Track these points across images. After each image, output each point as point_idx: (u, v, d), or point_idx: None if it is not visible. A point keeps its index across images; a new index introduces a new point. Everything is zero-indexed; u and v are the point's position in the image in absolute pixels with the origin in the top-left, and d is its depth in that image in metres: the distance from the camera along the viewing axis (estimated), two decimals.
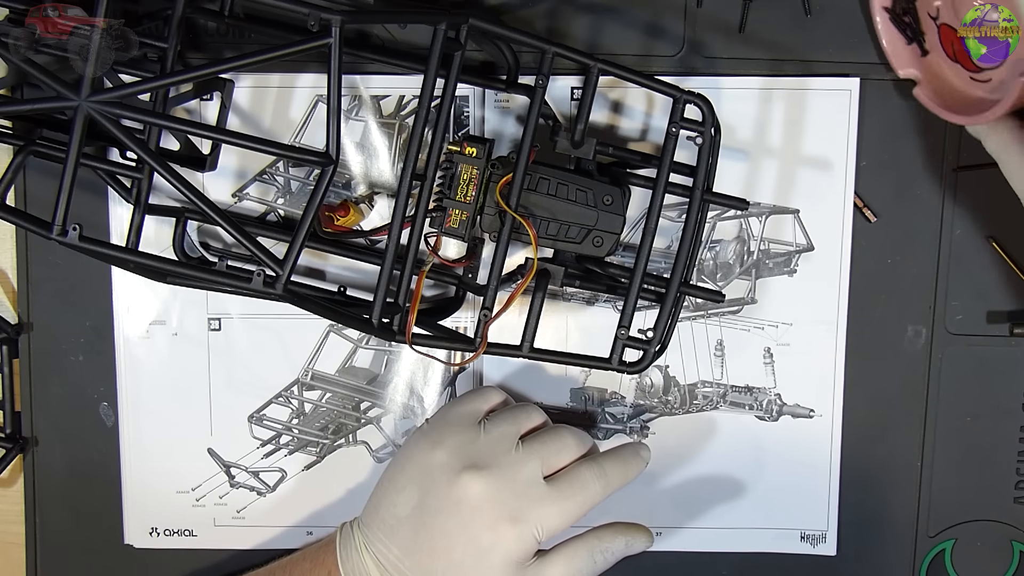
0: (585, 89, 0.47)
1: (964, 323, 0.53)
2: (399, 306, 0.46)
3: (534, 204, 0.47)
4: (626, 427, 0.55)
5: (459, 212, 0.47)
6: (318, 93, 0.53)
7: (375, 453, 0.56)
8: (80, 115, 0.39)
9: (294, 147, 0.40)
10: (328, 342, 0.55)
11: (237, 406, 0.56)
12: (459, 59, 0.44)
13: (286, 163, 0.54)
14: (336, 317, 0.44)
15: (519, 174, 0.46)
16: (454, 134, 0.53)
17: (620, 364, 0.47)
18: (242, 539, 0.57)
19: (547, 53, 0.46)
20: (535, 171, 0.47)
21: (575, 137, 0.47)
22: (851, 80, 0.52)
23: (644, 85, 0.47)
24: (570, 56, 0.46)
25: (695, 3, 0.52)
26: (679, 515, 0.56)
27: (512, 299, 0.47)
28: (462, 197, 0.47)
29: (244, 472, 0.56)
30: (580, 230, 0.47)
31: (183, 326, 0.55)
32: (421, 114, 0.43)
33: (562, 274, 0.48)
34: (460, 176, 0.47)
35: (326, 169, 0.40)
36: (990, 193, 0.52)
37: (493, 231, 0.47)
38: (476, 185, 0.47)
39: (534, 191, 0.47)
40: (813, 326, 0.54)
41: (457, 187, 0.47)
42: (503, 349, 0.48)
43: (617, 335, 0.47)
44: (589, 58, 0.46)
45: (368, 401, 0.56)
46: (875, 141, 0.52)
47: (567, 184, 0.47)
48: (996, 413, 0.54)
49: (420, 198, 0.45)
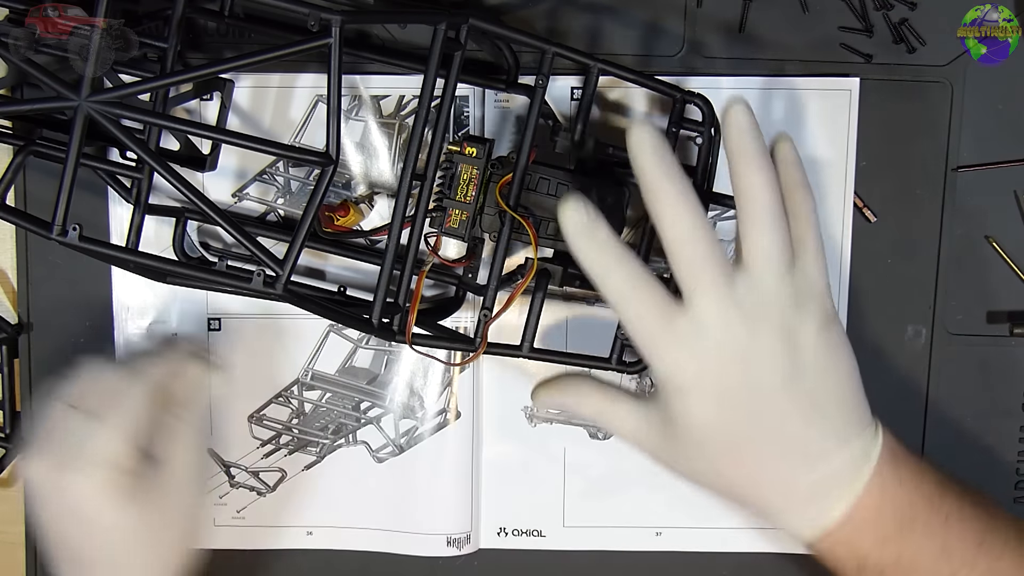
0: (585, 89, 0.47)
1: (964, 323, 0.53)
2: (399, 306, 0.46)
3: (534, 204, 0.47)
4: None
5: (459, 212, 0.47)
6: (318, 93, 0.53)
7: (375, 453, 0.56)
8: (80, 115, 0.39)
9: (294, 147, 0.40)
10: (328, 342, 0.55)
11: (237, 406, 0.56)
12: (459, 59, 0.44)
13: (286, 163, 0.54)
14: (336, 317, 0.44)
15: (519, 174, 0.46)
16: (454, 134, 0.53)
17: (620, 364, 0.47)
18: (242, 539, 0.57)
19: (547, 53, 0.45)
20: (535, 171, 0.47)
21: (575, 137, 0.47)
22: (851, 80, 0.52)
23: (644, 85, 0.46)
24: (570, 56, 0.46)
25: (695, 3, 0.52)
26: (678, 515, 0.56)
27: (512, 299, 0.47)
28: (462, 197, 0.47)
29: (244, 472, 0.56)
30: None
31: (183, 326, 0.55)
32: (421, 114, 0.43)
33: (561, 274, 0.48)
34: (460, 176, 0.47)
35: (326, 169, 0.40)
36: (990, 193, 0.52)
37: (493, 231, 0.47)
38: (476, 185, 0.47)
39: (534, 191, 0.47)
40: None
41: (457, 187, 0.47)
42: (503, 349, 0.48)
43: (617, 335, 0.47)
44: (589, 58, 0.46)
45: (368, 401, 0.56)
46: (875, 141, 0.52)
47: (567, 184, 0.47)
48: (996, 413, 0.54)
49: (420, 198, 0.45)
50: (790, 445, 0.42)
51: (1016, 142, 0.52)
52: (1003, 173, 0.52)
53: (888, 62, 0.52)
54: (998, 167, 0.52)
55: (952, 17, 0.51)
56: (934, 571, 0.42)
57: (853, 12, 0.52)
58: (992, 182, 0.52)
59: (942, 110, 0.52)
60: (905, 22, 0.51)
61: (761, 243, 0.41)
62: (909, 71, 0.52)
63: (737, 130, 0.41)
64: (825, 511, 0.42)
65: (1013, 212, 0.53)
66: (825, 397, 0.42)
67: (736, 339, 0.41)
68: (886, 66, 0.52)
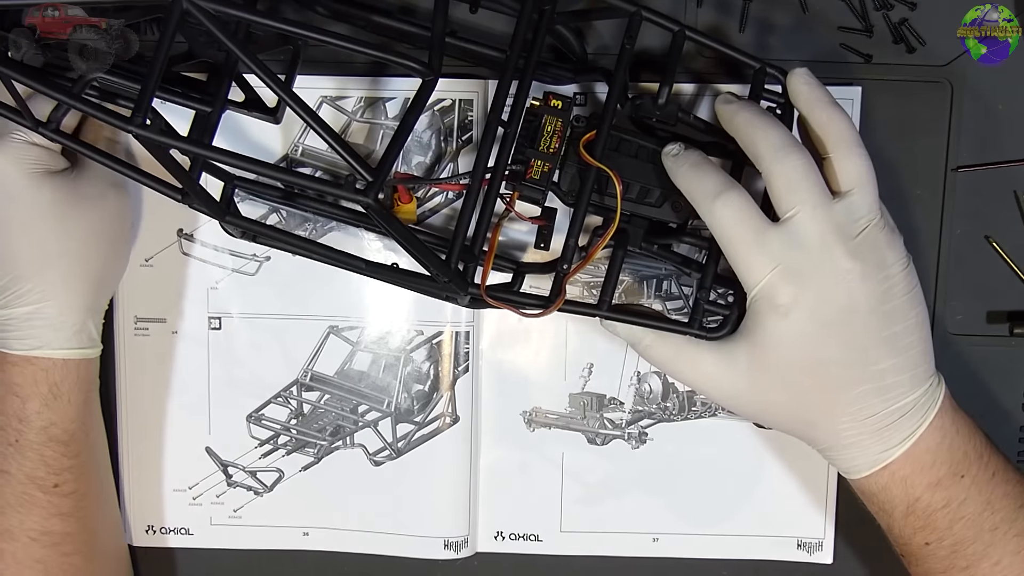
0: (672, 54, 0.46)
1: (964, 323, 0.53)
2: (472, 255, 0.44)
3: (616, 164, 0.46)
4: (624, 433, 0.55)
5: (541, 164, 0.46)
6: (323, 94, 0.53)
7: (372, 456, 0.56)
8: (177, 8, 0.37)
9: (393, 50, 0.39)
10: (328, 343, 0.55)
11: (236, 405, 0.56)
12: (543, 36, 0.44)
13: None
14: (416, 247, 0.42)
15: (606, 126, 0.45)
16: (458, 138, 0.53)
17: (700, 329, 0.45)
18: (238, 539, 0.57)
19: (635, 16, 0.45)
20: (617, 131, 0.46)
21: (659, 99, 0.46)
22: (853, 89, 0.52)
23: (726, 54, 0.46)
24: (657, 21, 0.45)
25: (695, 3, 0.52)
26: (676, 521, 0.56)
27: (593, 254, 0.46)
28: (545, 148, 0.46)
29: (241, 471, 0.56)
30: (659, 195, 0.47)
31: (183, 324, 0.55)
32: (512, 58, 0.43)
33: (641, 235, 0.47)
34: (544, 127, 0.46)
35: (427, 81, 0.39)
36: (990, 193, 0.52)
37: (573, 190, 0.46)
38: (560, 137, 0.46)
39: (616, 151, 0.46)
40: None
41: (541, 138, 0.46)
42: (581, 307, 0.46)
43: (698, 298, 0.45)
44: (674, 23, 0.46)
45: (366, 404, 0.56)
46: (875, 141, 0.52)
47: (647, 147, 0.46)
48: (996, 413, 0.54)
49: (503, 146, 0.44)
50: (873, 373, 0.43)
51: (1016, 142, 0.52)
52: (1003, 173, 0.52)
53: (888, 62, 0.52)
54: (998, 167, 0.52)
55: (952, 17, 0.51)
56: (978, 522, 0.44)
57: (853, 12, 0.52)
58: (992, 182, 0.52)
59: (942, 110, 0.52)
60: (905, 22, 0.52)
61: (858, 166, 0.43)
62: (909, 71, 0.52)
63: (807, 82, 0.44)
64: (891, 445, 0.44)
65: (1013, 212, 0.53)
66: (907, 333, 0.43)
67: (835, 258, 0.42)
68: (886, 66, 0.52)
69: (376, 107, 0.53)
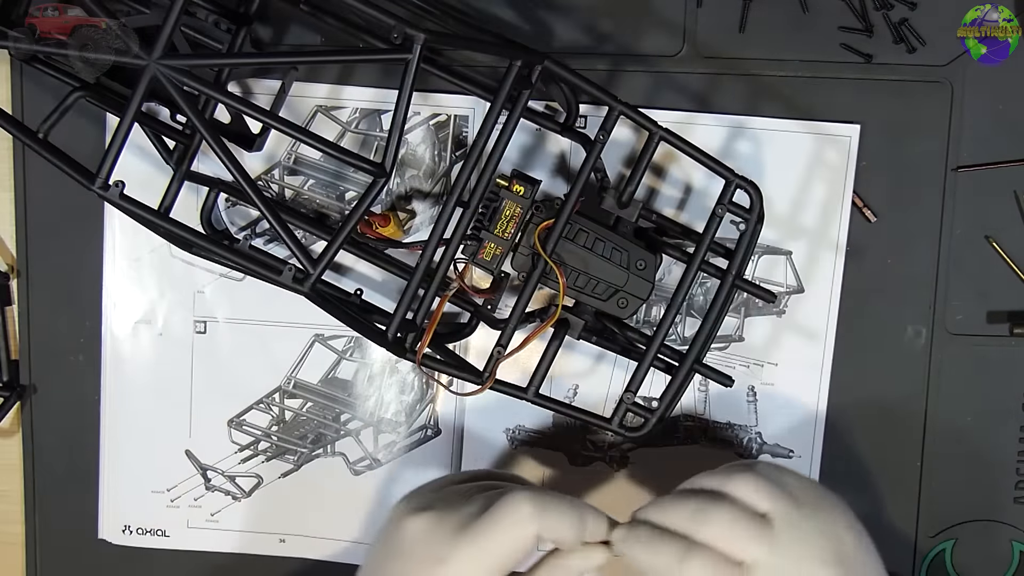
0: (643, 154, 0.47)
1: (964, 323, 0.53)
2: (415, 324, 0.45)
3: (568, 253, 0.47)
4: (606, 455, 0.55)
5: (494, 246, 0.47)
6: (317, 104, 0.53)
7: (352, 465, 0.56)
8: (147, 75, 0.38)
9: (349, 152, 0.40)
10: (312, 351, 0.55)
11: (217, 409, 0.55)
12: (526, 98, 0.44)
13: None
14: (353, 325, 0.43)
15: (561, 221, 0.46)
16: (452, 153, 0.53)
17: (620, 427, 0.47)
18: (215, 542, 0.56)
19: (613, 110, 0.45)
20: (576, 222, 0.47)
21: (622, 198, 0.47)
22: (852, 127, 0.52)
23: (702, 162, 0.46)
24: (636, 119, 0.46)
25: (695, 3, 0.52)
26: None
27: (529, 340, 0.47)
28: (501, 232, 0.47)
29: (220, 475, 0.56)
30: (608, 288, 0.47)
31: (169, 327, 0.55)
32: (479, 143, 0.43)
33: (581, 327, 0.48)
34: (503, 211, 0.47)
35: (377, 180, 0.40)
36: (990, 193, 0.52)
37: (523, 271, 0.47)
38: (516, 223, 0.47)
39: (571, 241, 0.47)
40: (798, 368, 0.53)
41: (498, 222, 0.47)
42: (509, 388, 0.47)
43: (623, 398, 0.47)
44: (653, 124, 0.46)
45: (348, 413, 0.55)
46: (875, 141, 0.52)
47: (604, 241, 0.47)
48: (996, 413, 0.54)
49: (460, 224, 0.44)
50: None
51: (1016, 142, 0.52)
52: (1003, 173, 0.52)
53: (888, 62, 0.52)
54: (998, 167, 0.52)
55: (952, 17, 0.51)
56: None
57: (853, 12, 0.52)
58: (992, 182, 0.52)
59: (942, 110, 0.52)
60: (905, 22, 0.52)
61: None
62: (909, 71, 0.52)
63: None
64: None
65: (1013, 212, 0.53)
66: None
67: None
68: (886, 66, 0.52)
69: (372, 119, 0.53)
